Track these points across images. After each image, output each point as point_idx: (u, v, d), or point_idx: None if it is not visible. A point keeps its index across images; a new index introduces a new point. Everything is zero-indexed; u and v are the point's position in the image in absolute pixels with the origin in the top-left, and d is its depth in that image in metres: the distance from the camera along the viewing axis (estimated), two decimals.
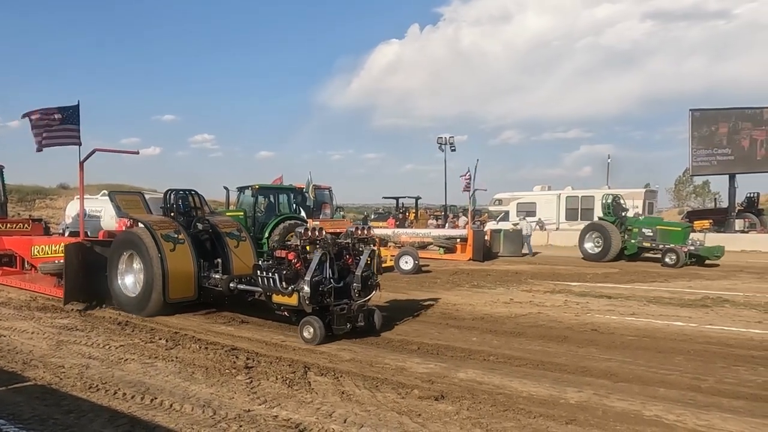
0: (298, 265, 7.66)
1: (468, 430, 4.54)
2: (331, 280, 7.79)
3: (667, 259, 18.78)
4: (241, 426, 4.59)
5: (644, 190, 33.82)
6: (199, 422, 4.68)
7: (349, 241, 8.31)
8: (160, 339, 7.70)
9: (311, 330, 7.46)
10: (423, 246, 21.39)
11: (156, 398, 5.25)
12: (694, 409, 5.04)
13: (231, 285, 8.84)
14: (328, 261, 7.86)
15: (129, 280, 9.71)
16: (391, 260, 16.94)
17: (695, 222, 29.49)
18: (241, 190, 17.39)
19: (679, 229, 20.31)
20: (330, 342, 7.64)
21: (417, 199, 34.79)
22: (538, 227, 32.65)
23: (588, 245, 21.26)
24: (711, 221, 30.90)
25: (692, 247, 19.08)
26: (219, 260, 9.45)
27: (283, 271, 7.69)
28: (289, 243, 8.53)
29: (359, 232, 8.52)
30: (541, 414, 4.88)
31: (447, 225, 31.67)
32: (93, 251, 10.28)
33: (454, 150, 41.62)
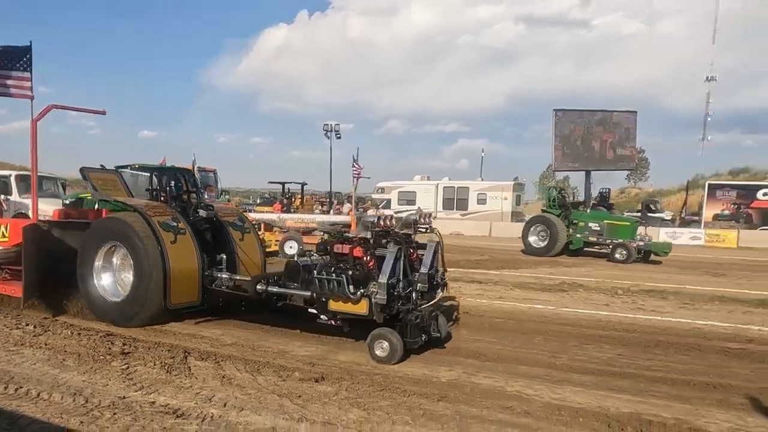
0: (371, 264, 6.24)
1: (346, 410, 4.62)
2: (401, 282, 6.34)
3: (617, 255, 17.83)
4: (115, 413, 4.36)
5: (513, 183, 35.75)
6: (70, 411, 4.40)
7: (411, 232, 6.89)
8: (27, 325, 7.12)
9: (386, 345, 5.93)
10: (308, 231, 21.30)
11: (21, 387, 4.87)
12: (549, 384, 5.43)
13: (258, 287, 6.91)
14: (402, 258, 6.35)
15: (107, 280, 7.64)
16: (276, 245, 16.75)
17: None
18: (119, 168, 16.36)
19: (628, 223, 19.39)
20: (212, 326, 7.44)
21: (303, 185, 34.38)
22: None
23: (532, 239, 19.76)
24: None
25: (641, 243, 18.22)
26: (222, 256, 7.67)
27: (349, 271, 6.24)
28: (348, 235, 6.81)
29: (423, 220, 7.08)
30: (415, 392, 5.06)
31: (332, 211, 31.70)
32: (51, 236, 8.21)
33: (339, 137, 41.56)
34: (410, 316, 6.08)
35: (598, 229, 19.13)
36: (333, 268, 6.32)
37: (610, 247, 18.45)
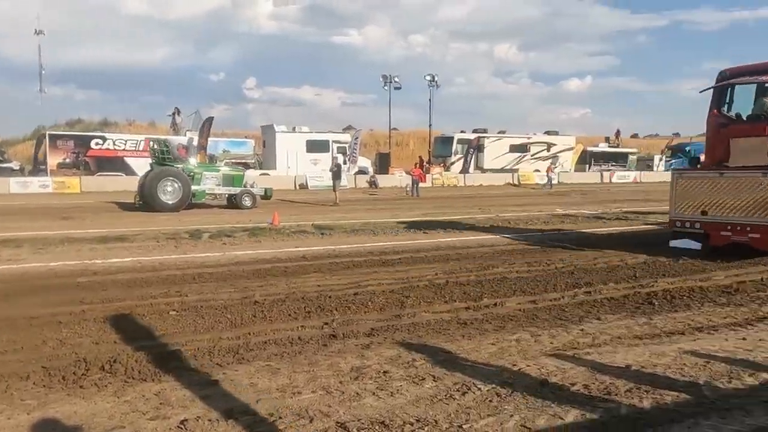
0: None
1: None
2: None
3: (246, 202, 18.88)
4: None
5: None
6: None
7: None
8: None
9: None
10: None
11: None
12: None
13: None
14: None
15: None
16: None
17: None
18: None
19: (240, 173, 20.23)
20: None
21: None
22: None
23: (164, 197, 17.72)
24: None
25: (255, 189, 19.62)
26: None
27: None
28: None
29: None
30: None
31: None
32: None
33: None
34: None
35: (216, 180, 19.23)
36: None
37: (235, 195, 19.15)
